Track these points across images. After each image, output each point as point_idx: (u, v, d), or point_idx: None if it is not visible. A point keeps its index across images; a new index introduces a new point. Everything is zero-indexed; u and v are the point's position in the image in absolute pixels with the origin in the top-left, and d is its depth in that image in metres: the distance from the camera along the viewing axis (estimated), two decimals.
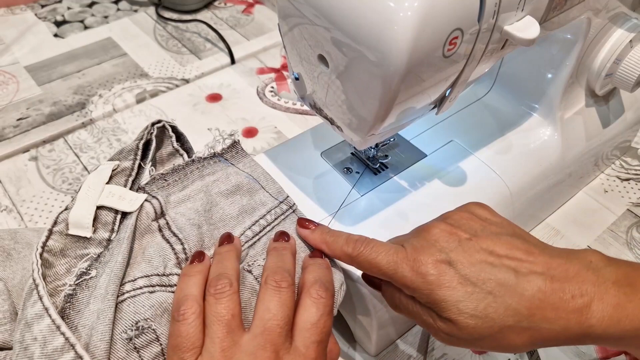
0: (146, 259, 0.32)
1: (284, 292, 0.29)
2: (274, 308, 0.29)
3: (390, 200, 0.41)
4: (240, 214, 0.36)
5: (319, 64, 0.33)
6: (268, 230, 0.36)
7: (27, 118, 0.61)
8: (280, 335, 0.28)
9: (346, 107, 0.34)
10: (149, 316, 0.29)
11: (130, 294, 0.30)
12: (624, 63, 0.43)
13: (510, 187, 0.43)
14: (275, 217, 0.36)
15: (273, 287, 0.30)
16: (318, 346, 0.29)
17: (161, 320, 0.30)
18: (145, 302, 0.30)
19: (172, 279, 0.32)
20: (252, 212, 0.36)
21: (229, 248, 0.33)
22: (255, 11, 0.80)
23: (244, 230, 0.35)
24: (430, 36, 0.28)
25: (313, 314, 0.29)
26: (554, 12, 0.35)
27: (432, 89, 0.32)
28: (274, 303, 0.29)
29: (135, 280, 0.31)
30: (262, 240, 0.35)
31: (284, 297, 0.29)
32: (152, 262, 0.32)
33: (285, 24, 0.34)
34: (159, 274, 0.31)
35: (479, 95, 0.50)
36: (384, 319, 0.38)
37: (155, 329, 0.29)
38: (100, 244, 0.33)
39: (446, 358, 0.40)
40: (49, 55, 0.71)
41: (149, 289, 0.30)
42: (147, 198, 0.34)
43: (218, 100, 0.64)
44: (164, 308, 0.30)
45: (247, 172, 0.38)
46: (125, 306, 0.30)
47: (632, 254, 0.48)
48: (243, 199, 0.36)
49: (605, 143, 0.51)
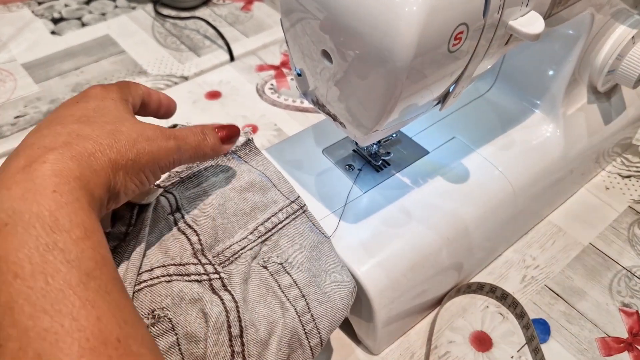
0: (163, 249, 0.32)
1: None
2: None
3: (393, 197, 0.41)
4: (252, 210, 0.36)
5: (322, 59, 0.33)
6: (280, 228, 0.36)
7: (25, 116, 0.60)
8: None
9: (349, 103, 0.33)
10: (165, 305, 0.30)
11: (147, 283, 0.30)
12: (626, 59, 0.43)
13: (513, 183, 0.43)
14: (287, 216, 0.37)
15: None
16: None
17: (177, 310, 0.30)
18: (162, 291, 0.30)
19: (188, 268, 0.32)
20: (264, 209, 0.36)
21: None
22: (254, 8, 0.79)
23: (257, 226, 0.35)
24: (435, 31, 0.27)
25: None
26: (558, 8, 0.35)
27: (437, 84, 0.32)
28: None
29: (152, 270, 0.31)
30: (274, 237, 0.36)
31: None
32: (169, 252, 0.32)
33: (287, 19, 0.34)
34: (176, 264, 0.32)
35: (481, 91, 0.50)
36: (386, 317, 0.38)
37: (172, 318, 0.29)
38: (117, 238, 0.33)
39: (449, 356, 0.40)
40: (46, 53, 0.70)
41: (166, 278, 0.31)
42: (163, 193, 0.35)
43: (217, 97, 0.64)
44: (180, 297, 0.30)
45: (259, 170, 0.38)
46: (142, 295, 0.30)
47: (634, 251, 0.48)
48: (255, 195, 0.37)
49: (607, 140, 0.51)
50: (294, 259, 0.35)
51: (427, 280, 0.40)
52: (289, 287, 0.33)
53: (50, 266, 0.21)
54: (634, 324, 0.42)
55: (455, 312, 0.43)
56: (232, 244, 0.34)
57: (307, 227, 0.37)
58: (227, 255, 0.33)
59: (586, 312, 0.43)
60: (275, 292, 0.33)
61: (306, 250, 0.36)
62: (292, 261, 0.35)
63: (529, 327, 0.41)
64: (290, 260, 0.35)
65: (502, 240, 0.47)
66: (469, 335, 0.42)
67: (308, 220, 0.37)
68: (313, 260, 0.35)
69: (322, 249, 0.36)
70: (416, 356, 0.41)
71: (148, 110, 0.36)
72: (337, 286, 0.35)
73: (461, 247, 0.41)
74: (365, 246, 0.38)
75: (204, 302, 0.30)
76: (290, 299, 0.33)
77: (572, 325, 0.42)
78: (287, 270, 0.34)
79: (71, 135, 0.26)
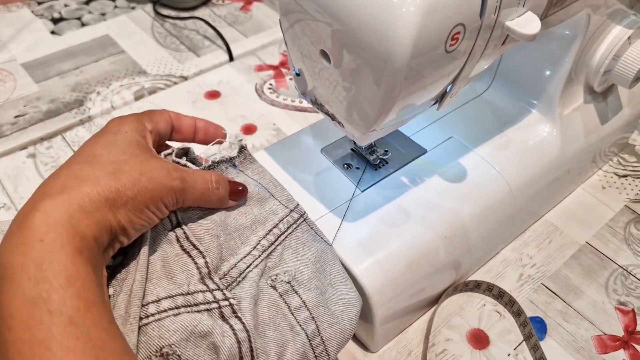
0: (168, 274, 0.31)
1: None
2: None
3: (391, 196, 0.41)
4: (253, 224, 0.35)
5: (320, 59, 0.33)
6: (282, 240, 0.35)
7: (25, 115, 0.61)
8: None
9: (348, 103, 0.34)
10: (173, 341, 0.28)
11: (155, 317, 0.29)
12: (622, 59, 0.44)
13: (510, 183, 0.44)
14: (288, 226, 0.36)
15: None
16: None
17: (187, 345, 0.29)
18: (170, 326, 0.29)
19: (197, 297, 0.30)
20: (264, 222, 0.35)
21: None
22: (253, 8, 0.80)
23: (259, 240, 0.35)
24: (432, 31, 0.28)
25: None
26: (554, 9, 0.35)
27: (434, 84, 0.32)
28: None
29: (159, 302, 0.29)
30: (277, 250, 0.35)
31: None
32: (175, 278, 0.31)
33: (286, 20, 0.34)
34: (183, 293, 0.30)
35: (478, 91, 0.50)
36: (384, 315, 0.38)
37: (181, 355, 0.28)
38: (117, 254, 0.31)
39: (446, 353, 0.41)
40: (46, 53, 0.70)
41: (174, 312, 0.29)
42: None
43: (217, 97, 0.64)
44: (189, 332, 0.29)
45: (255, 180, 0.37)
46: (150, 330, 0.28)
47: (630, 250, 0.48)
48: (254, 208, 0.36)
49: (603, 139, 0.51)
50: (301, 274, 0.34)
51: (425, 279, 0.40)
52: (299, 308, 0.33)
53: (34, 318, 0.23)
54: (629, 322, 0.43)
55: (453, 310, 0.43)
56: (237, 262, 0.33)
57: (309, 235, 0.36)
58: (233, 276, 0.32)
59: (583, 310, 0.44)
60: (285, 315, 0.32)
61: (311, 263, 0.35)
62: (299, 277, 0.34)
63: (527, 325, 0.41)
64: (297, 276, 0.34)
65: (499, 239, 0.47)
66: (466, 333, 0.42)
67: (309, 228, 0.37)
68: (319, 274, 0.35)
69: (326, 258, 0.36)
70: (414, 354, 0.41)
71: (181, 135, 0.36)
72: (345, 304, 0.34)
73: (458, 246, 0.41)
74: (363, 245, 0.38)
75: (215, 334, 0.29)
76: (301, 322, 0.32)
77: (568, 323, 0.43)
78: (296, 289, 0.33)
79: (70, 177, 0.28)
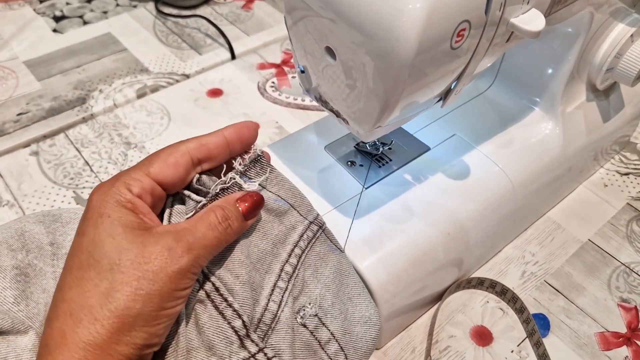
0: (206, 344, 0.28)
1: None
2: None
3: (394, 193, 0.41)
4: (274, 247, 0.32)
5: (325, 56, 0.33)
6: (303, 260, 0.33)
7: (28, 113, 0.61)
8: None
9: (352, 100, 0.34)
10: None
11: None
12: (624, 57, 0.44)
13: (513, 180, 0.44)
14: (308, 242, 0.34)
15: None
16: None
17: None
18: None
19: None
20: (284, 241, 0.32)
21: None
22: (254, 7, 0.80)
23: (282, 266, 0.32)
24: (438, 28, 0.28)
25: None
26: (557, 6, 0.35)
27: (439, 81, 0.32)
28: None
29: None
30: (300, 275, 0.32)
31: None
32: (215, 349, 0.28)
33: (291, 17, 0.34)
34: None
35: (480, 89, 0.50)
36: (388, 312, 0.38)
37: None
38: None
39: (450, 350, 0.41)
40: (48, 51, 0.70)
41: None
42: None
43: (219, 95, 0.64)
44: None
45: (273, 192, 0.33)
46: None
47: (632, 247, 0.48)
48: (274, 227, 0.32)
49: (605, 137, 0.51)
50: (324, 300, 0.33)
51: (428, 276, 0.40)
52: (328, 342, 0.33)
53: None
54: (632, 319, 0.43)
55: (456, 307, 0.44)
56: (267, 302, 0.30)
57: (325, 247, 0.35)
58: (267, 323, 0.30)
59: (585, 307, 0.44)
60: (316, 351, 0.32)
61: (331, 282, 0.34)
62: (324, 304, 0.33)
63: (530, 322, 0.41)
64: (321, 303, 0.33)
65: (502, 236, 0.47)
66: (470, 330, 0.42)
67: (327, 239, 0.35)
68: (339, 292, 0.34)
69: (343, 270, 0.35)
70: (417, 350, 0.41)
71: (213, 161, 0.30)
72: (366, 323, 0.35)
73: (461, 243, 0.41)
74: (367, 241, 0.38)
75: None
76: (331, 356, 0.32)
77: (571, 320, 0.43)
78: (323, 321, 0.33)
79: (64, 316, 0.24)
